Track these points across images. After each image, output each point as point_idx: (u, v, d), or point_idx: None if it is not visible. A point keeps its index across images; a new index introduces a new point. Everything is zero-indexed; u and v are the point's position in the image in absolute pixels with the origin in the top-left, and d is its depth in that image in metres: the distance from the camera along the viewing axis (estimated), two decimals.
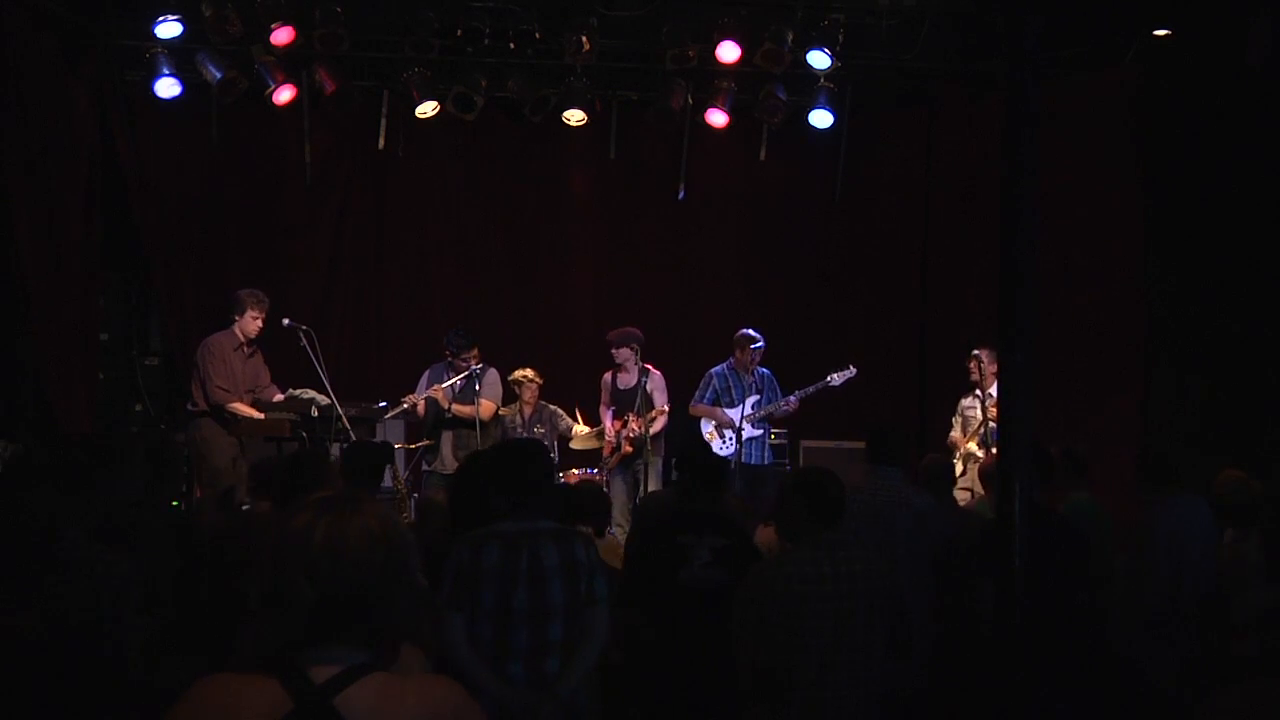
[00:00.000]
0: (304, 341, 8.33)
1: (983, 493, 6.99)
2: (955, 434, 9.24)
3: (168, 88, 9.57)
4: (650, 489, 8.98)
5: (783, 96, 10.15)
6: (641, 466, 9.25)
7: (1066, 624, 4.89)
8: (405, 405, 9.12)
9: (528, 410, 9.64)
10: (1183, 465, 5.98)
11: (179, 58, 9.53)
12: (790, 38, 9.55)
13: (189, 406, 8.74)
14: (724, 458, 5.99)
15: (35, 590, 3.91)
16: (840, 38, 9.66)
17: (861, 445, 10.22)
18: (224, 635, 3.93)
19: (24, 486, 4.08)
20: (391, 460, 7.20)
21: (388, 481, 9.19)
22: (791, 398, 9.35)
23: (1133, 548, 5.60)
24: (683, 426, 9.59)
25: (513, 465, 4.31)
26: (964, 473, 8.80)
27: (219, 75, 9.45)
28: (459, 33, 9.55)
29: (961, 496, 7.95)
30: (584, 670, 4.22)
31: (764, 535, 5.71)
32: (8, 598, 3.91)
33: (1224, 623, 5.67)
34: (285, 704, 2.04)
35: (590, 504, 6.05)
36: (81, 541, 4.15)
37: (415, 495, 8.89)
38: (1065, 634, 4.86)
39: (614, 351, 9.53)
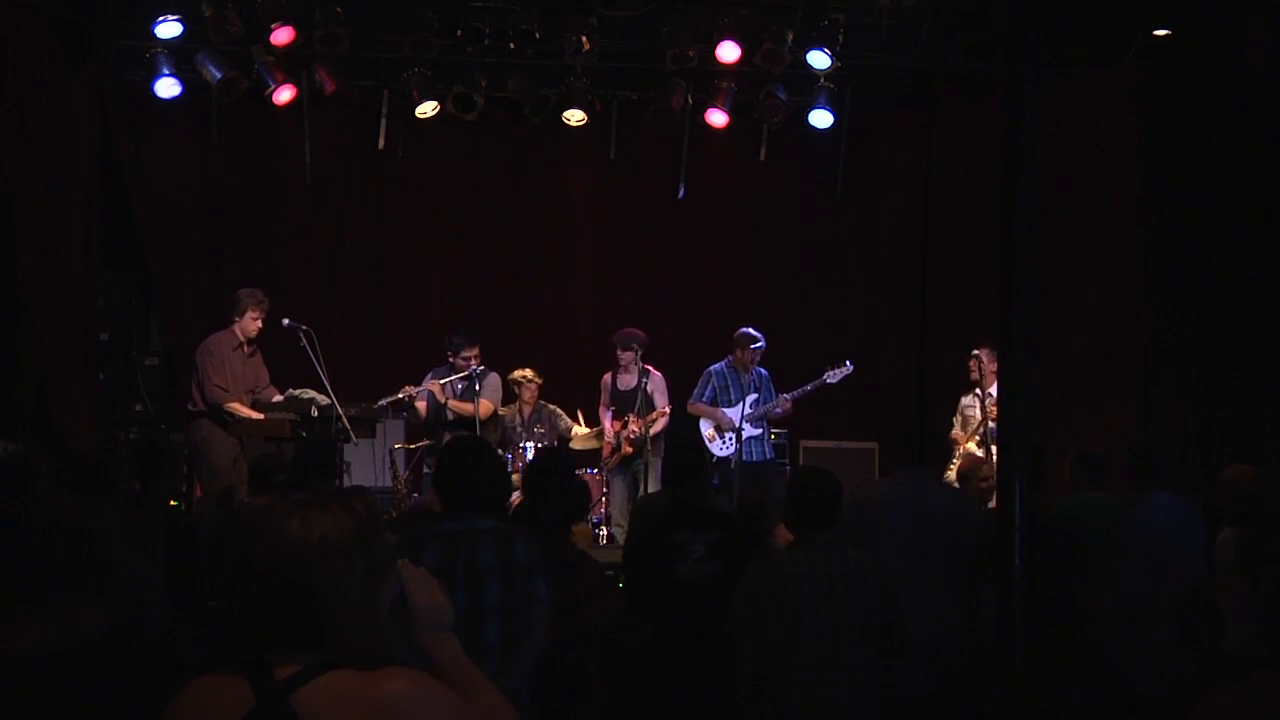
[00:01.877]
0: (304, 341, 8.33)
1: None
2: (955, 432, 9.26)
3: (168, 88, 9.56)
4: (650, 490, 8.97)
5: (783, 96, 10.14)
6: (641, 467, 9.25)
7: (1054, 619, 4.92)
8: (402, 396, 9.12)
9: (527, 410, 9.65)
10: (1180, 466, 5.96)
11: (179, 58, 9.52)
12: (790, 38, 9.54)
13: (189, 407, 8.74)
14: (699, 451, 6.01)
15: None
16: (840, 38, 9.64)
17: (861, 445, 10.17)
18: (222, 635, 3.94)
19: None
20: (330, 457, 7.17)
21: (387, 481, 9.22)
22: (785, 396, 9.32)
23: (1113, 545, 5.58)
24: (677, 426, 9.58)
25: (457, 465, 4.28)
26: None
27: (219, 75, 9.44)
28: (459, 33, 9.53)
29: None
30: (525, 671, 4.16)
31: (782, 535, 5.70)
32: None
33: (1210, 622, 5.66)
34: (249, 701, 2.12)
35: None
36: (114, 545, 4.18)
37: (415, 495, 8.89)
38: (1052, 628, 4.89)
39: (619, 352, 9.53)
